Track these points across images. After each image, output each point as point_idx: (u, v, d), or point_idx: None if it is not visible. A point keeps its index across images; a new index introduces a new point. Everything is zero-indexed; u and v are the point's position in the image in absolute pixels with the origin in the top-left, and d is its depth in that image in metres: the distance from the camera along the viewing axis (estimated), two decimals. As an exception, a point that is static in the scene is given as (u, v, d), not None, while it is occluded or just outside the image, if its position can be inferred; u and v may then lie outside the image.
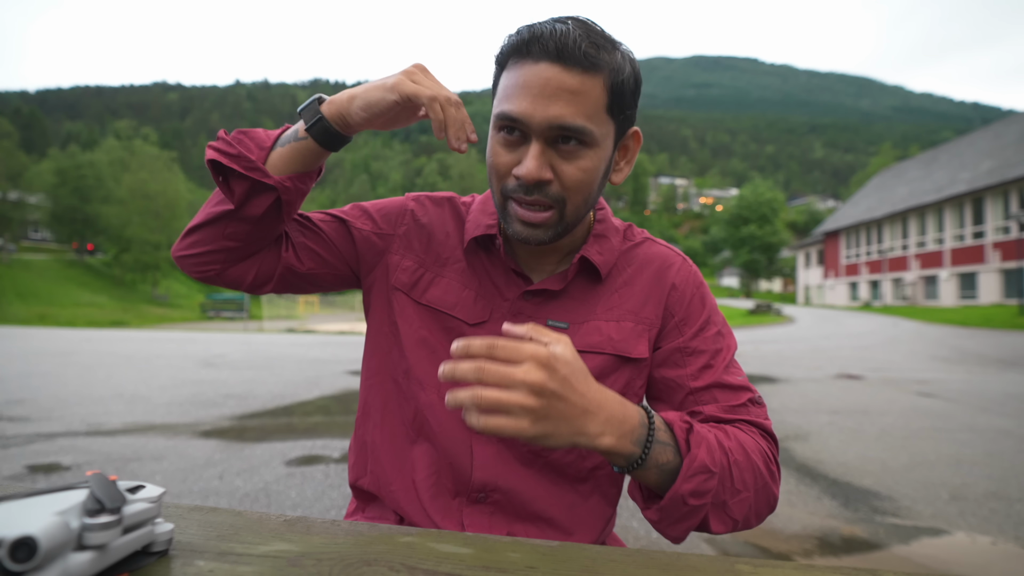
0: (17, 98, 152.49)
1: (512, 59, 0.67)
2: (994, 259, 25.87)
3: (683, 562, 0.47)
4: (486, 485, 0.74)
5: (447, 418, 0.75)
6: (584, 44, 0.63)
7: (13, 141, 43.88)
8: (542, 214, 0.69)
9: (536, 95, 0.64)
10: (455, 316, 0.77)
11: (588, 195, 0.70)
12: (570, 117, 0.64)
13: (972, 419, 4.72)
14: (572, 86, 0.64)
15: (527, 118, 0.65)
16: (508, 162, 0.68)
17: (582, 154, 0.67)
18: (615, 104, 0.68)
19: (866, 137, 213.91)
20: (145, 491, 0.45)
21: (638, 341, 0.77)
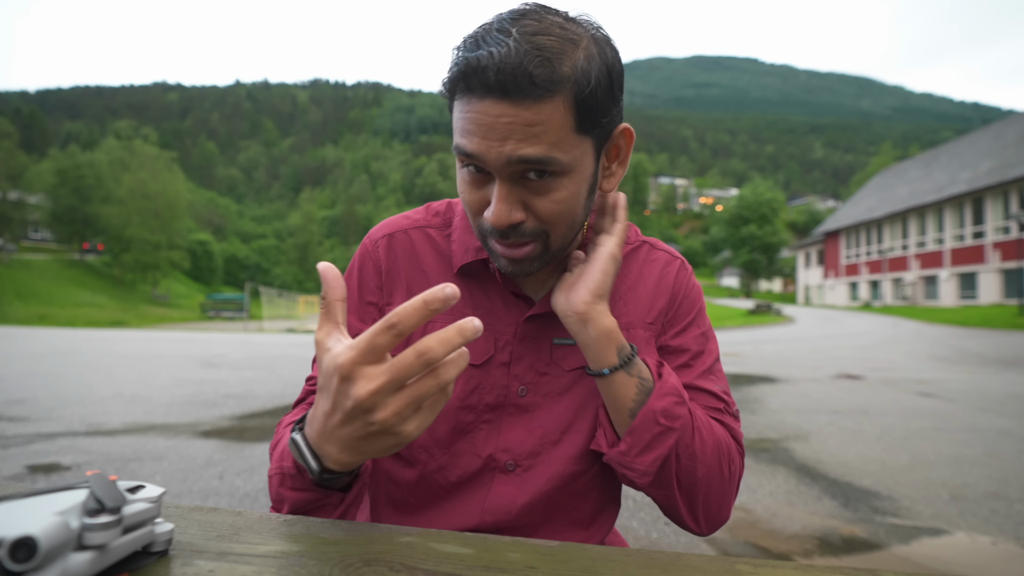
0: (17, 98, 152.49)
1: (458, 90, 0.58)
2: (994, 259, 25.88)
3: (683, 562, 0.47)
4: (497, 527, 0.71)
5: (459, 475, 0.71)
6: (532, 66, 0.54)
7: (13, 141, 43.92)
8: (523, 249, 0.63)
9: (486, 133, 0.57)
10: None
11: (572, 221, 0.64)
12: (529, 151, 0.57)
13: (972, 419, 4.72)
14: (526, 119, 0.55)
15: (482, 157, 0.58)
16: (478, 200, 0.63)
17: (555, 185, 0.60)
18: (585, 120, 0.59)
19: (866, 137, 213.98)
20: (145, 491, 0.45)
21: (648, 348, 0.75)
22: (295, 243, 71.28)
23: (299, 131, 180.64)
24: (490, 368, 0.71)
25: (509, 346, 0.72)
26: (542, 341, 0.72)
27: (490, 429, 0.71)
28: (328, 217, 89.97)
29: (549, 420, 0.71)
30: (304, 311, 33.53)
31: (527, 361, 0.72)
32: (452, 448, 0.71)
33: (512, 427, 0.71)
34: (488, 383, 0.71)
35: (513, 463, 0.71)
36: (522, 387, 0.71)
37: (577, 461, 0.72)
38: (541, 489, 0.71)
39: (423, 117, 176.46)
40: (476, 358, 0.71)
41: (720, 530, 2.48)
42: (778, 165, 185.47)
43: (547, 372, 0.72)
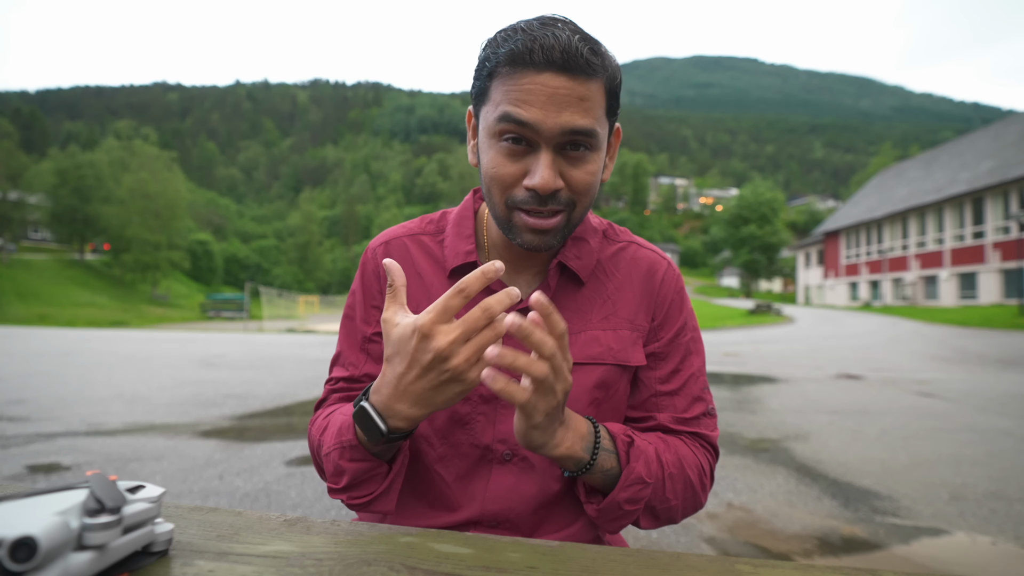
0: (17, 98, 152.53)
1: (508, 68, 0.65)
2: (994, 259, 25.87)
3: (683, 562, 0.47)
4: (497, 516, 0.74)
5: (458, 465, 0.75)
6: (586, 51, 0.63)
7: (13, 141, 43.95)
8: (552, 220, 0.69)
9: (545, 103, 0.63)
10: None
11: (593, 196, 0.71)
12: (581, 120, 0.65)
13: (972, 419, 4.72)
14: (580, 93, 0.64)
15: (538, 124, 0.64)
16: (514, 172, 0.67)
17: (588, 158, 0.67)
18: (611, 106, 0.69)
19: (866, 137, 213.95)
20: (145, 491, 0.45)
21: (635, 348, 0.78)
22: (295, 243, 71.25)
23: (299, 131, 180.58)
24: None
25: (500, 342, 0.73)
26: None
27: (486, 421, 0.75)
28: (328, 217, 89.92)
29: None
30: (304, 311, 33.52)
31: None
32: (451, 439, 0.75)
33: (507, 418, 0.74)
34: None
35: (510, 453, 0.74)
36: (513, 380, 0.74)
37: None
38: (539, 478, 0.74)
39: (423, 117, 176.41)
40: None
41: (720, 530, 2.48)
42: (778, 165, 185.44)
43: None
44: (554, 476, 0.75)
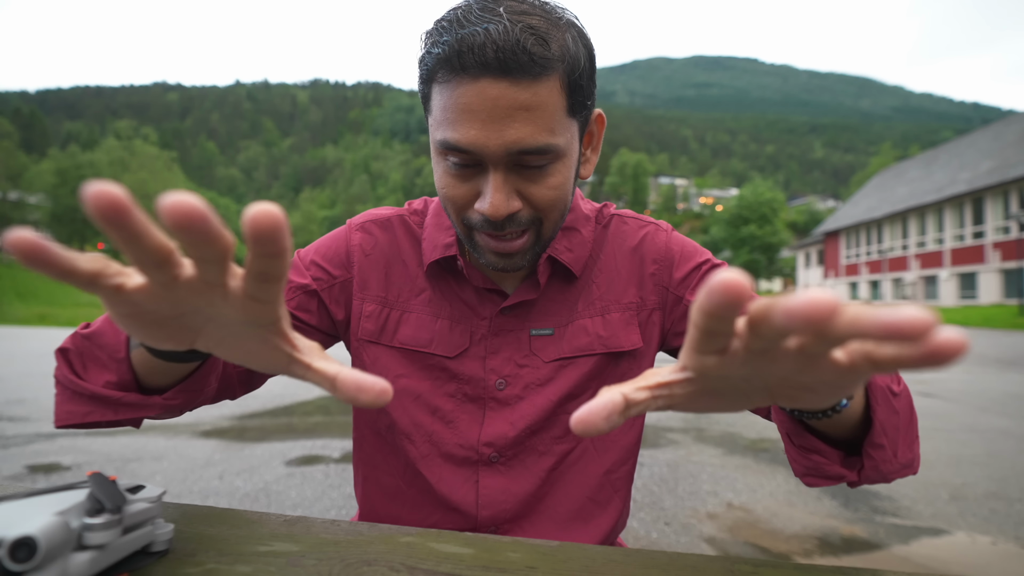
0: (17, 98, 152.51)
1: (443, 73, 0.55)
2: (994, 259, 25.88)
3: (683, 562, 0.47)
4: (495, 520, 0.71)
5: (442, 466, 0.71)
6: (529, 44, 0.52)
7: (13, 141, 44.01)
8: (517, 241, 0.61)
9: (485, 120, 0.54)
10: (434, 353, 0.71)
11: (563, 207, 0.63)
12: (530, 138, 0.54)
13: (972, 419, 4.72)
14: (525, 101, 0.53)
15: (479, 148, 0.55)
16: (465, 194, 0.59)
17: (551, 171, 0.58)
18: (575, 103, 0.58)
19: (866, 137, 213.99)
20: (145, 491, 0.45)
21: (628, 330, 0.72)
22: (295, 243, 71.22)
23: (299, 131, 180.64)
24: (466, 360, 0.71)
25: (485, 340, 0.71)
26: (520, 333, 0.71)
27: (471, 420, 0.71)
28: (328, 217, 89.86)
29: (531, 412, 0.70)
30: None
31: (505, 353, 0.71)
32: (433, 437, 0.71)
33: (494, 421, 0.71)
34: (465, 375, 0.71)
35: (497, 455, 0.71)
36: (500, 380, 0.71)
37: (560, 442, 0.71)
38: (529, 479, 0.71)
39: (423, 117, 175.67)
40: (450, 350, 0.71)
41: (720, 530, 2.48)
42: (778, 165, 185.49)
43: (526, 364, 0.71)
44: (542, 477, 0.71)
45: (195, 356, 0.53)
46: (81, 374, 0.56)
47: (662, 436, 4.18)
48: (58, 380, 0.58)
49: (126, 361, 0.55)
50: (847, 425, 0.52)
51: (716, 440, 4.07)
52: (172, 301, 0.32)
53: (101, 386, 0.55)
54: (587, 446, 0.73)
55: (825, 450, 0.54)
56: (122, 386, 0.56)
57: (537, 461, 0.71)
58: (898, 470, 0.53)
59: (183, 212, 0.25)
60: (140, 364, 0.55)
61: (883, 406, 0.52)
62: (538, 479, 0.71)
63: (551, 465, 0.72)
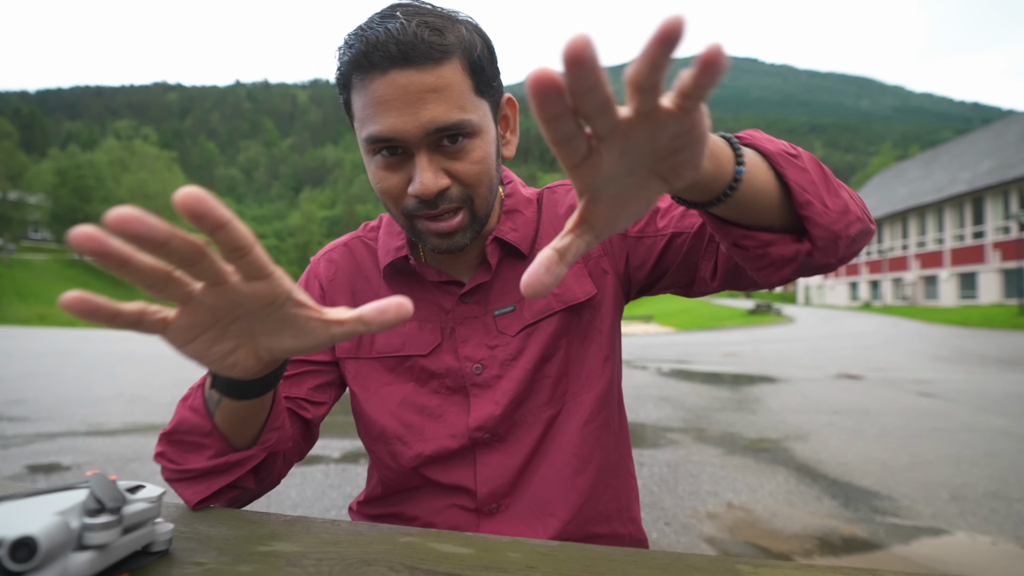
0: (17, 98, 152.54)
1: (357, 76, 0.61)
2: (994, 259, 25.87)
3: (683, 562, 0.47)
4: (494, 494, 0.73)
5: (438, 458, 0.74)
6: (426, 35, 0.58)
7: (13, 141, 43.97)
8: (453, 220, 0.65)
9: (400, 107, 0.59)
10: (409, 354, 0.75)
11: (490, 182, 0.67)
12: (443, 116, 0.60)
13: (972, 419, 4.72)
14: (432, 83, 0.59)
15: (400, 133, 0.60)
16: (397, 184, 0.64)
17: (470, 147, 0.63)
18: (480, 82, 0.64)
19: (866, 137, 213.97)
20: (145, 491, 0.45)
21: (581, 282, 0.75)
22: (295, 243, 71.33)
23: (299, 131, 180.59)
24: (440, 355, 0.75)
25: (454, 331, 0.75)
26: (484, 317, 0.75)
27: (459, 411, 0.74)
28: (328, 217, 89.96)
29: (511, 386, 0.74)
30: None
31: (475, 340, 0.75)
32: (425, 433, 0.74)
33: (480, 405, 0.74)
34: (442, 370, 0.75)
35: (489, 435, 0.74)
36: (476, 365, 0.74)
37: (546, 408, 0.75)
38: (522, 450, 0.74)
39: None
40: (424, 348, 0.75)
41: (720, 530, 2.48)
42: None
43: (496, 343, 0.74)
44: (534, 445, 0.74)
45: (266, 386, 0.55)
46: (184, 464, 0.61)
47: (662, 436, 4.18)
48: (169, 480, 0.63)
49: (215, 431, 0.60)
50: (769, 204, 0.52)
51: (716, 440, 4.07)
52: (205, 314, 0.41)
53: (206, 462, 0.61)
54: (568, 405, 0.76)
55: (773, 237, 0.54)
56: (222, 453, 0.61)
57: (528, 432, 0.75)
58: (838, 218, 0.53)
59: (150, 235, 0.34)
60: (225, 426, 0.60)
61: (789, 167, 0.52)
62: (529, 448, 0.74)
63: (540, 433, 0.75)
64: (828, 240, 0.53)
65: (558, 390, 0.75)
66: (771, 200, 0.52)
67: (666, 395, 5.89)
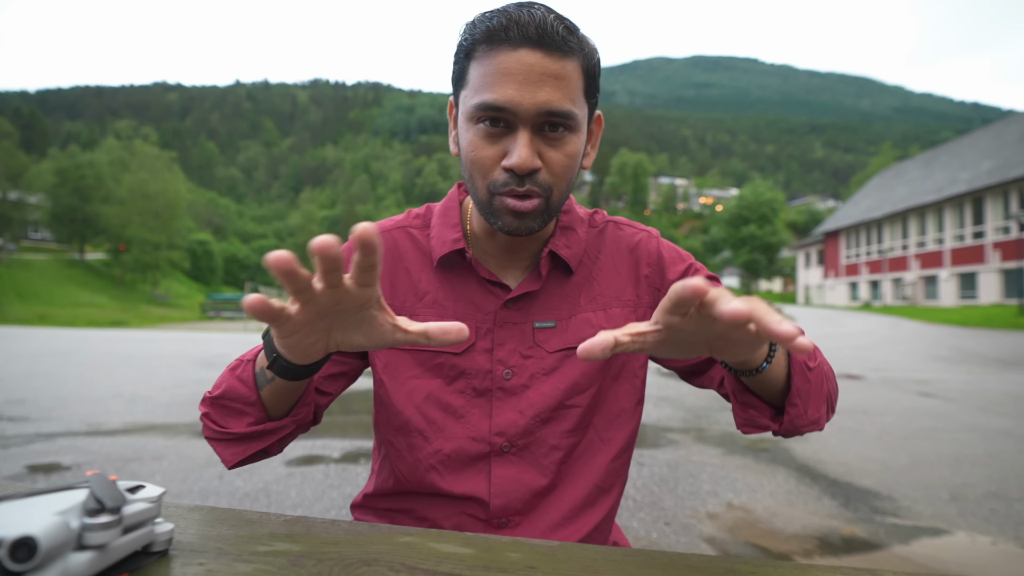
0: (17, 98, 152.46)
1: (484, 47, 0.65)
2: (994, 259, 25.87)
3: (683, 562, 0.47)
4: (506, 509, 0.74)
5: (456, 459, 0.74)
6: (561, 29, 0.63)
7: (13, 141, 43.91)
8: (531, 201, 0.67)
9: (522, 82, 0.63)
10: (441, 350, 0.76)
11: (571, 180, 0.70)
12: (557, 102, 0.64)
13: (972, 419, 4.72)
14: (556, 71, 0.63)
15: (514, 106, 0.63)
16: (493, 155, 0.66)
17: (567, 139, 0.67)
18: (590, 87, 0.68)
19: (866, 137, 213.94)
20: (145, 491, 0.45)
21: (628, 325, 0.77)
22: (295, 243, 71.21)
23: (299, 131, 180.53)
24: (473, 355, 0.75)
25: (490, 333, 0.75)
26: (523, 325, 0.76)
27: (481, 413, 0.75)
28: (328, 217, 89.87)
29: (539, 400, 0.74)
30: (304, 311, 33.39)
31: (510, 345, 0.75)
32: (446, 431, 0.75)
33: (503, 410, 0.74)
34: (473, 369, 0.75)
35: (508, 445, 0.74)
36: (507, 371, 0.75)
37: (569, 436, 0.75)
38: (541, 472, 0.74)
39: (423, 117, 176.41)
40: (457, 347, 0.75)
41: (720, 530, 2.48)
42: (778, 165, 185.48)
43: (531, 355, 0.75)
44: (551, 462, 0.75)
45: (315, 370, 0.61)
46: (226, 427, 0.68)
47: (662, 436, 4.18)
48: (210, 438, 0.70)
49: (259, 403, 0.67)
50: (774, 389, 0.65)
51: (716, 440, 4.07)
52: (313, 311, 0.50)
53: (246, 428, 0.68)
54: (593, 438, 0.77)
55: (759, 405, 0.68)
56: (260, 422, 0.68)
57: (547, 454, 0.75)
58: (808, 424, 0.68)
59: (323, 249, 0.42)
60: (269, 399, 0.67)
61: (799, 376, 0.65)
62: (550, 472, 0.75)
63: (560, 458, 0.75)
64: (791, 431, 0.68)
65: (583, 421, 0.76)
66: (776, 389, 0.65)
67: (666, 395, 5.89)
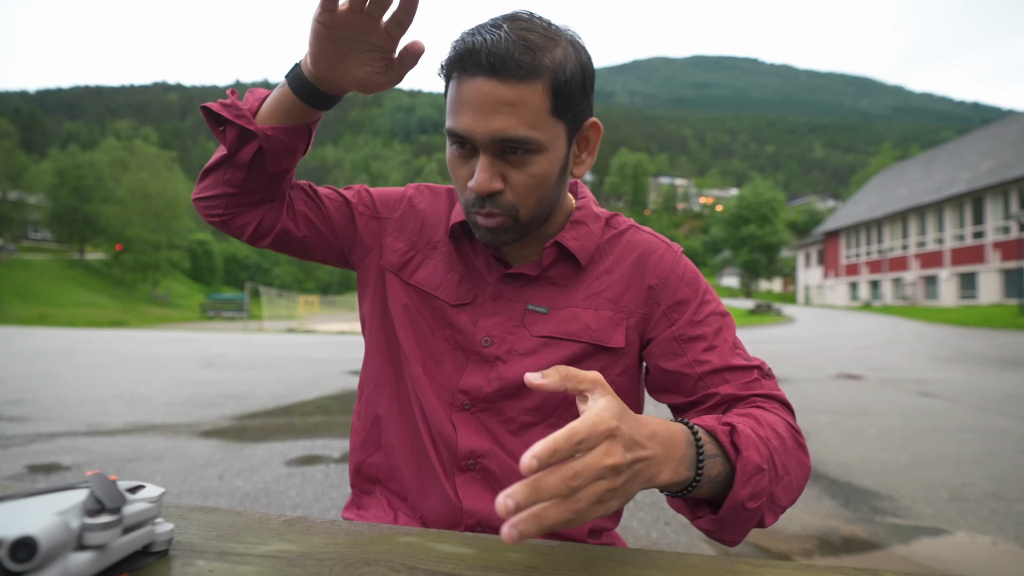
0: (17, 98, 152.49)
1: (455, 71, 0.67)
2: (994, 259, 25.87)
3: (683, 562, 0.47)
4: (473, 452, 0.76)
5: (429, 391, 0.78)
6: (518, 52, 0.63)
7: (13, 141, 43.87)
8: (495, 219, 0.71)
9: (477, 111, 0.65)
10: (439, 297, 0.81)
11: (542, 196, 0.71)
12: (511, 129, 0.65)
13: (972, 419, 4.72)
14: (509, 98, 0.64)
15: (470, 134, 0.66)
16: (464, 174, 0.70)
17: (531, 160, 0.68)
18: (560, 105, 0.67)
19: (866, 137, 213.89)
20: (145, 491, 0.45)
21: (615, 330, 0.77)
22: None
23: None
24: (463, 312, 0.80)
25: (485, 302, 0.79)
26: (516, 304, 0.79)
27: (455, 367, 0.79)
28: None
29: (507, 375, 0.77)
30: (304, 311, 33.52)
31: (498, 318, 0.79)
32: (425, 365, 0.80)
33: (473, 373, 0.78)
34: (459, 325, 0.80)
35: (469, 403, 0.78)
36: (486, 338, 0.78)
37: (530, 415, 0.77)
38: (499, 432, 0.77)
39: (423, 117, 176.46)
40: (453, 299, 0.81)
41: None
42: (778, 165, 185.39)
43: (515, 333, 0.78)
44: (510, 431, 0.77)
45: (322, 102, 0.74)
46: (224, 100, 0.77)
47: (662, 436, 4.18)
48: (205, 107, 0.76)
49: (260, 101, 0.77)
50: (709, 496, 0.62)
51: (716, 440, 4.07)
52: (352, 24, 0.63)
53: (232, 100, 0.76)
54: (553, 424, 0.78)
55: (695, 508, 0.63)
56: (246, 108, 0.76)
57: (506, 424, 0.78)
58: (732, 538, 0.64)
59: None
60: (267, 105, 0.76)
61: (728, 509, 0.60)
62: (503, 434, 0.78)
63: (514, 431, 0.78)
64: (714, 536, 0.64)
65: (546, 406, 0.77)
66: (709, 496, 0.61)
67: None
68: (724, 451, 0.60)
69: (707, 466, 0.57)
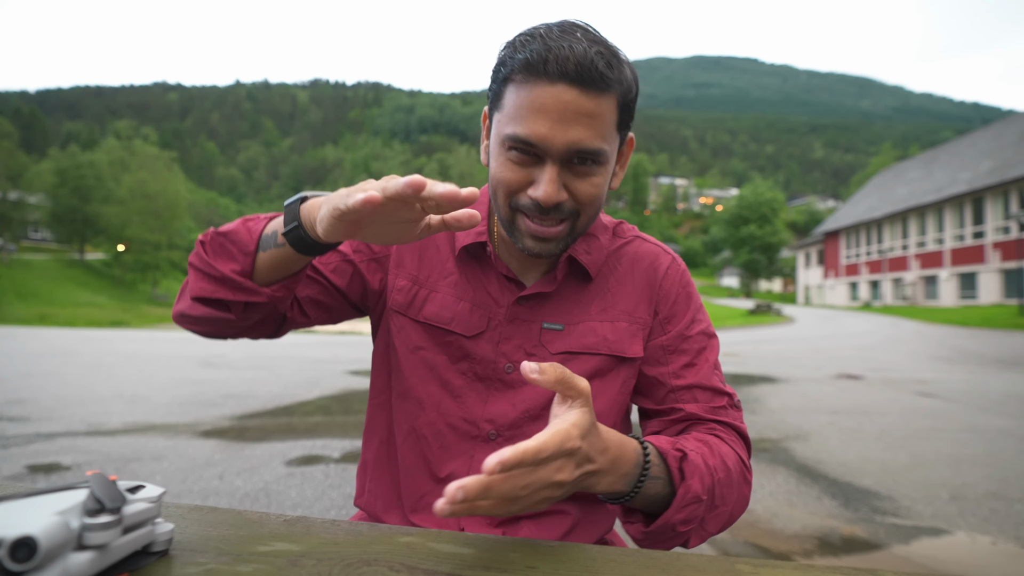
0: (17, 98, 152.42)
1: (523, 75, 0.64)
2: (994, 259, 25.87)
3: (683, 562, 0.47)
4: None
5: (445, 435, 0.76)
6: (601, 64, 0.63)
7: (13, 141, 43.86)
8: (555, 228, 0.69)
9: (555, 120, 0.63)
10: (453, 331, 0.78)
11: (598, 207, 0.72)
12: (588, 141, 0.64)
13: (972, 419, 4.72)
14: (590, 109, 0.64)
15: (545, 143, 0.64)
16: (520, 179, 0.68)
17: (595, 171, 0.68)
18: (623, 121, 0.69)
19: (866, 137, 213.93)
20: (145, 491, 0.45)
21: (633, 341, 0.78)
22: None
23: (299, 131, 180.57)
24: (480, 342, 0.78)
25: (500, 326, 0.77)
26: (532, 324, 0.78)
27: (477, 398, 0.77)
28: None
29: (532, 397, 0.76)
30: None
31: (516, 341, 0.77)
32: (442, 407, 0.77)
33: (497, 400, 0.77)
34: (478, 355, 0.78)
35: (495, 433, 0.76)
36: (509, 364, 0.77)
37: None
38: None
39: (423, 117, 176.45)
40: (468, 330, 0.78)
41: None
42: (778, 165, 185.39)
43: (534, 353, 0.77)
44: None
45: (321, 251, 0.65)
46: (212, 261, 0.68)
47: (662, 436, 4.18)
48: (193, 264, 0.70)
49: (253, 255, 0.68)
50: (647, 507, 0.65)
51: (716, 440, 4.07)
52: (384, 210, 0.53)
53: (228, 271, 0.68)
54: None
55: (630, 516, 0.67)
56: (243, 275, 0.68)
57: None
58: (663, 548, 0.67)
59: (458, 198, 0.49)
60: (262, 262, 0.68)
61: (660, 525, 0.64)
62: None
63: None
64: (639, 543, 0.66)
65: None
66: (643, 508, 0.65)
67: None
68: (670, 475, 0.63)
69: (647, 486, 0.61)
